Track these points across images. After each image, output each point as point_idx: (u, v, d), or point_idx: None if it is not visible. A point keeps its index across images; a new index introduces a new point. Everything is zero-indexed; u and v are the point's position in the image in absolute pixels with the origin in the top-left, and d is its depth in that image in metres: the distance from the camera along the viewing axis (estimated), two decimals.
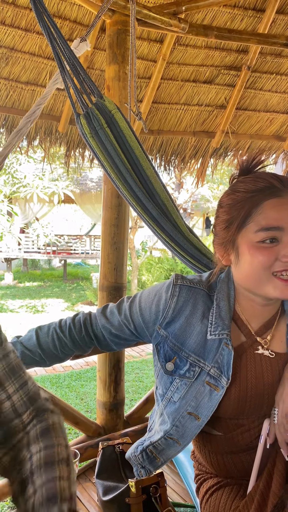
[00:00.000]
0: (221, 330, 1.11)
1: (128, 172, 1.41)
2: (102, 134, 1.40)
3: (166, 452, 1.20)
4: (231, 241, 1.08)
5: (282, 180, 1.04)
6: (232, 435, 1.22)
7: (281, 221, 1.00)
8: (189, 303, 1.13)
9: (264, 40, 2.25)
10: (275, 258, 1.01)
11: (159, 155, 3.24)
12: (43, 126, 2.83)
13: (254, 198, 1.03)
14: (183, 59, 2.78)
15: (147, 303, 1.18)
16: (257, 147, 3.40)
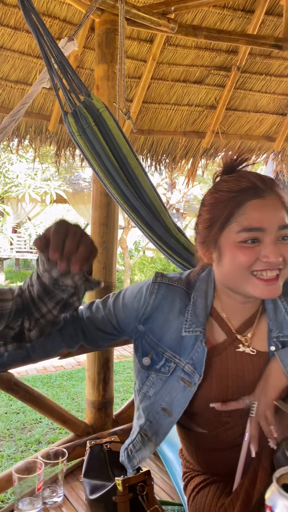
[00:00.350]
0: (195, 327, 1.12)
1: (116, 170, 1.42)
2: (90, 133, 1.40)
3: (142, 452, 1.21)
4: (213, 240, 1.09)
5: (265, 181, 1.06)
6: (216, 432, 1.23)
7: (263, 222, 1.02)
8: (167, 300, 1.15)
9: (253, 41, 2.27)
10: (256, 258, 1.02)
11: (150, 155, 3.24)
12: (33, 125, 2.82)
13: (237, 199, 1.04)
14: (173, 59, 2.79)
15: (130, 299, 1.20)
16: (247, 147, 3.42)
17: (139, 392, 1.21)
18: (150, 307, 1.16)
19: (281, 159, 3.60)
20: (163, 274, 1.20)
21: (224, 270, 1.08)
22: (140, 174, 1.46)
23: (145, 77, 2.75)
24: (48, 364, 5.38)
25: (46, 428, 3.76)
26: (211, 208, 1.10)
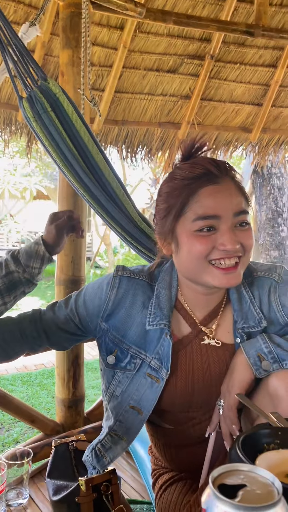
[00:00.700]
0: (159, 320, 1.08)
1: (74, 158, 1.35)
2: (46, 118, 1.33)
3: (113, 450, 1.16)
4: (170, 230, 1.05)
5: (219, 166, 1.01)
6: (183, 428, 1.20)
7: (218, 210, 0.98)
8: (129, 294, 1.10)
9: (224, 27, 2.22)
10: (213, 247, 0.98)
11: (125, 147, 3.17)
12: (2, 115, 2.72)
13: (191, 186, 1.00)
14: (145, 47, 2.73)
15: (91, 296, 1.15)
16: (224, 139, 3.38)
17: (106, 392, 1.17)
18: (111, 303, 1.11)
19: (258, 151, 3.57)
20: (124, 267, 1.15)
21: (182, 261, 1.04)
22: (102, 162, 1.40)
23: (117, 66, 2.68)
24: (28, 362, 5.30)
25: (24, 427, 3.68)
26: (166, 198, 1.06)
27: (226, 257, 0.99)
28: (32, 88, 1.37)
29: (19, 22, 2.36)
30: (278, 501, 0.50)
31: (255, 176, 4.49)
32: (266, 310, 1.12)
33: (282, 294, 1.12)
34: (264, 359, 1.03)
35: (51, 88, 1.36)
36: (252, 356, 1.04)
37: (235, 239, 0.98)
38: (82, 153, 1.39)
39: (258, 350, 1.04)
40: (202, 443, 1.17)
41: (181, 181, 1.02)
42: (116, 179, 1.44)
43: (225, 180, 1.01)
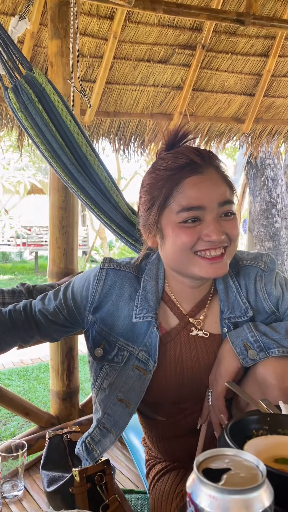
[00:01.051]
0: (146, 312, 1.08)
1: (61, 149, 1.34)
2: (32, 109, 1.32)
3: (102, 443, 1.17)
4: (154, 222, 1.04)
5: (203, 155, 1.00)
6: (175, 419, 1.20)
7: (202, 200, 0.97)
8: (116, 286, 1.10)
9: (215, 16, 2.20)
10: (198, 238, 0.98)
11: (117, 139, 3.15)
12: None
13: (174, 177, 0.99)
14: (136, 37, 2.70)
15: (78, 289, 1.15)
16: (216, 129, 3.36)
17: (94, 385, 1.17)
18: (98, 295, 1.11)
19: (251, 142, 3.56)
20: (111, 259, 1.15)
21: (168, 253, 1.03)
22: (89, 153, 1.39)
23: (107, 56, 2.65)
24: (25, 356, 5.30)
25: (21, 421, 3.69)
26: (149, 189, 1.05)
27: (211, 247, 0.98)
28: (17, 79, 1.35)
29: (7, 12, 2.32)
30: (262, 483, 0.50)
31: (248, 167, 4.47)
32: (253, 299, 1.12)
33: (268, 282, 1.12)
34: (250, 348, 1.03)
35: (37, 78, 1.35)
36: (238, 345, 1.04)
37: (220, 229, 0.97)
38: (69, 144, 1.38)
39: (244, 340, 1.04)
40: (195, 434, 1.17)
41: (164, 171, 1.01)
42: (104, 170, 1.43)
43: (209, 170, 1.00)
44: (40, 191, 11.87)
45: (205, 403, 1.11)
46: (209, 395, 1.09)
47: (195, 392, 1.14)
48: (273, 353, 1.01)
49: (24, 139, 2.94)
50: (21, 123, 1.35)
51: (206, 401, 1.10)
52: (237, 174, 4.74)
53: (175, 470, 1.31)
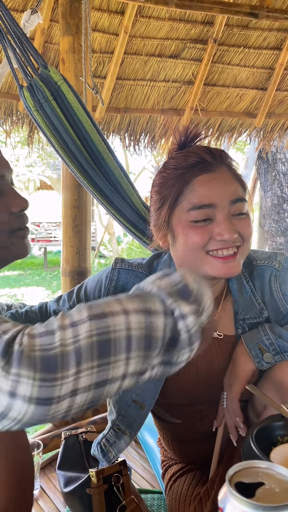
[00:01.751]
0: None
1: (77, 147, 1.32)
2: (47, 107, 1.30)
3: (117, 445, 1.16)
4: (165, 222, 1.02)
5: (214, 153, 0.99)
6: (191, 422, 1.19)
7: (213, 198, 0.95)
8: (128, 287, 1.09)
9: (227, 9, 2.16)
10: (209, 237, 0.96)
11: (128, 135, 3.13)
12: (3, 106, 2.69)
13: (185, 175, 0.98)
14: (147, 32, 2.66)
15: (91, 289, 1.14)
16: (228, 124, 3.32)
17: None
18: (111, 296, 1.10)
19: (263, 136, 3.51)
20: (123, 260, 1.14)
21: (179, 253, 1.02)
22: (105, 151, 1.37)
23: (118, 52, 2.62)
24: None
25: None
26: (159, 188, 1.03)
27: (224, 247, 0.96)
28: (32, 77, 1.34)
29: (18, 9, 2.30)
30: None
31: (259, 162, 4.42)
32: (268, 300, 1.10)
33: (283, 282, 1.09)
34: (265, 351, 1.01)
35: (52, 76, 1.33)
36: (253, 348, 1.02)
37: (233, 228, 0.95)
38: (84, 143, 1.36)
39: (259, 342, 1.02)
40: (211, 436, 1.16)
41: (174, 170, 1.00)
42: (120, 168, 1.42)
43: (220, 168, 0.98)
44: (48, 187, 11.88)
45: (220, 405, 1.10)
46: (224, 398, 1.08)
47: (210, 394, 1.12)
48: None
49: (34, 136, 2.94)
50: (36, 122, 1.33)
51: (221, 404, 1.09)
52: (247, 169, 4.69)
53: (191, 472, 1.30)
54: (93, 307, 0.61)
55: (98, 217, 11.82)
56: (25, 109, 1.35)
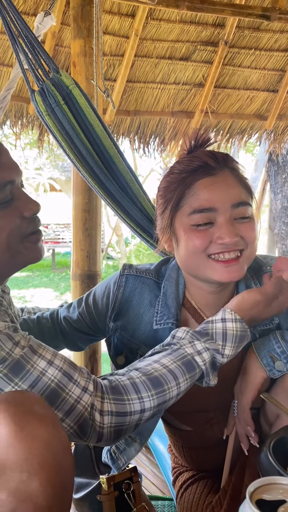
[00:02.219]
0: (166, 319, 1.06)
1: (88, 152, 1.32)
2: (59, 112, 1.30)
3: (127, 452, 1.15)
4: (168, 225, 1.03)
5: (217, 157, 0.99)
6: (202, 429, 1.18)
7: (214, 202, 0.95)
8: (136, 293, 1.09)
9: (239, 12, 2.14)
10: (210, 241, 0.95)
11: (137, 137, 3.12)
12: (13, 109, 2.70)
13: (187, 179, 0.98)
14: (157, 34, 2.65)
15: (100, 296, 1.15)
16: (238, 126, 3.30)
17: None
18: (119, 302, 1.10)
19: (274, 139, 3.49)
20: (131, 266, 1.14)
21: (181, 256, 1.02)
22: (116, 156, 1.37)
23: (128, 55, 2.62)
24: None
25: None
26: (163, 192, 1.04)
27: (225, 250, 0.95)
28: (44, 81, 1.33)
29: (29, 12, 2.31)
30: None
31: (270, 164, 4.39)
32: None
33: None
34: (277, 359, 0.99)
35: (64, 80, 1.32)
36: (265, 357, 1.01)
37: (234, 231, 0.94)
38: (96, 147, 1.35)
39: (270, 351, 1.01)
40: (222, 443, 1.15)
41: (178, 174, 1.00)
42: (130, 172, 1.41)
43: (222, 172, 0.98)
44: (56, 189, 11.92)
45: (230, 413, 1.09)
46: (234, 406, 1.06)
47: (221, 401, 1.11)
48: None
49: (44, 138, 2.95)
50: (48, 126, 1.33)
51: (232, 412, 1.07)
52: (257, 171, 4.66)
53: (203, 480, 1.29)
54: (153, 382, 0.82)
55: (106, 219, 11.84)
56: (37, 113, 1.35)
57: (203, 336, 0.90)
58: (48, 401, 0.71)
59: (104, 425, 0.77)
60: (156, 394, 0.82)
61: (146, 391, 0.81)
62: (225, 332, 0.91)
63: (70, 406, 0.74)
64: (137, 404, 0.80)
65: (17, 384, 0.71)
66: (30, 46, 1.33)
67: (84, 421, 0.75)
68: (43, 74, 1.33)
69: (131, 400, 0.80)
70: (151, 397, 0.81)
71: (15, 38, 1.34)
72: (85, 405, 0.75)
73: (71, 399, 0.75)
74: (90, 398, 0.76)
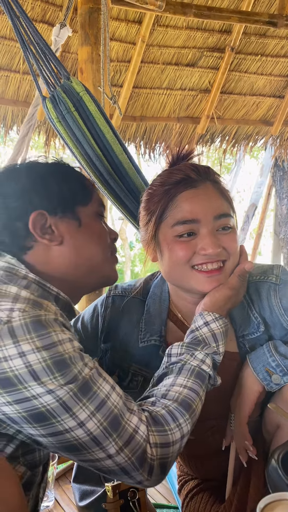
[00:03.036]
0: (149, 336, 1.07)
1: (98, 158, 1.32)
2: (70, 119, 1.30)
3: None
4: (152, 237, 1.03)
5: (199, 170, 1.00)
6: (203, 437, 1.17)
7: (196, 214, 0.96)
8: (124, 313, 1.10)
9: (246, 18, 2.15)
10: (193, 252, 0.96)
11: (143, 143, 3.14)
12: (20, 114, 2.71)
13: (170, 191, 0.99)
14: (164, 41, 2.67)
15: (88, 319, 1.16)
16: (244, 132, 3.31)
17: None
18: (107, 323, 1.11)
19: (280, 144, 3.49)
20: (116, 286, 1.15)
21: (165, 267, 1.02)
22: (126, 162, 1.36)
23: (135, 61, 2.63)
24: None
25: None
26: (146, 204, 1.05)
27: (208, 261, 0.96)
28: (55, 88, 1.33)
29: (36, 19, 2.33)
30: None
31: (275, 169, 4.39)
32: (268, 315, 1.07)
33: (283, 296, 1.05)
34: (273, 373, 0.99)
35: (74, 87, 1.33)
36: (261, 371, 1.00)
37: (217, 242, 0.95)
38: (106, 154, 1.35)
39: (265, 365, 1.00)
40: (225, 452, 1.14)
41: (159, 187, 1.01)
42: (141, 178, 1.40)
43: (204, 185, 0.99)
44: None
45: (228, 426, 1.08)
46: (231, 419, 1.05)
47: (221, 408, 1.10)
48: None
49: (50, 143, 2.96)
50: (59, 133, 1.33)
51: (229, 425, 1.07)
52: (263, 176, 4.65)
53: (208, 490, 1.28)
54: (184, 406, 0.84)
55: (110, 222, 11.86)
56: (48, 120, 1.35)
57: (198, 344, 0.92)
58: (110, 427, 0.72)
59: (154, 457, 0.75)
60: (190, 417, 0.83)
61: (181, 416, 0.81)
62: (214, 333, 0.94)
63: (129, 436, 0.74)
64: (177, 432, 0.80)
65: (85, 405, 0.71)
66: (41, 53, 1.34)
67: (142, 452, 0.74)
68: (54, 80, 1.33)
69: (171, 429, 0.79)
70: (187, 421, 0.82)
71: (26, 45, 1.34)
72: (142, 435, 0.75)
73: (129, 428, 0.74)
74: (146, 429, 0.75)
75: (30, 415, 0.69)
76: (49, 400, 0.69)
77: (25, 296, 0.76)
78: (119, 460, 0.72)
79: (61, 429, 0.69)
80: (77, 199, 0.93)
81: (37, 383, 0.68)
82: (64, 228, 0.90)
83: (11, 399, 0.68)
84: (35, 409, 0.69)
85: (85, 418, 0.70)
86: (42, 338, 0.70)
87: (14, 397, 0.68)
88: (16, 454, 0.77)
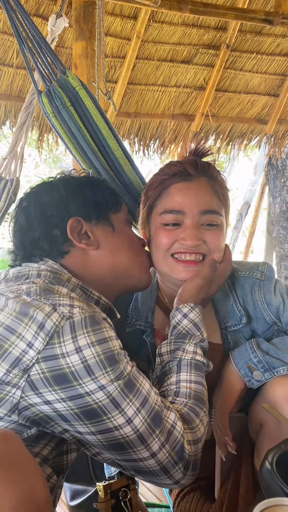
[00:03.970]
0: (135, 321, 1.12)
1: (94, 154, 1.30)
2: (65, 114, 1.28)
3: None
4: (144, 221, 1.10)
5: (198, 166, 1.05)
6: None
7: (183, 205, 1.01)
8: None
9: (242, 15, 2.14)
10: (175, 240, 1.01)
11: (138, 140, 3.11)
12: (13, 109, 2.68)
13: (166, 181, 1.05)
14: (159, 37, 2.65)
15: None
16: (238, 130, 3.30)
17: None
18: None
19: (274, 143, 3.49)
20: None
21: (152, 253, 1.08)
22: (121, 157, 1.35)
23: (130, 57, 2.61)
24: None
25: None
26: (146, 190, 1.11)
27: (186, 251, 1.01)
28: (51, 82, 1.31)
29: (30, 12, 2.29)
30: None
31: (269, 167, 4.39)
32: (252, 309, 1.11)
33: (266, 292, 1.10)
34: (254, 369, 1.01)
35: (70, 81, 1.30)
36: (242, 367, 1.03)
37: (198, 235, 1.00)
38: (101, 149, 1.34)
39: (247, 361, 1.02)
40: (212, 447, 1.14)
41: (160, 176, 1.08)
42: (136, 174, 1.39)
43: (198, 179, 1.04)
44: None
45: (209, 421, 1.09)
46: (212, 414, 1.06)
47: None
48: (278, 372, 0.98)
49: (43, 139, 2.92)
50: (54, 128, 1.31)
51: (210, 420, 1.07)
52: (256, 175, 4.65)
53: (199, 489, 1.28)
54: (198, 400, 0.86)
55: None
56: (44, 115, 1.33)
57: (184, 337, 0.95)
58: (153, 423, 0.74)
59: (191, 454, 0.78)
60: (205, 410, 0.86)
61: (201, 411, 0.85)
62: (194, 322, 0.97)
63: (168, 431, 0.76)
64: (202, 427, 0.83)
65: (131, 401, 0.74)
66: (38, 46, 1.32)
67: (181, 447, 0.77)
68: (50, 75, 1.31)
69: (198, 425, 0.82)
70: (205, 414, 0.85)
71: (22, 39, 1.32)
72: (179, 430, 0.77)
73: (168, 424, 0.77)
74: (182, 425, 0.78)
75: (82, 412, 0.71)
76: (101, 396, 0.71)
77: (75, 297, 0.80)
78: (160, 457, 0.74)
79: (111, 426, 0.72)
80: (109, 206, 1.00)
81: (91, 378, 0.71)
82: (100, 233, 0.97)
83: (65, 395, 0.70)
84: (87, 405, 0.71)
85: (132, 414, 0.73)
86: (96, 332, 0.74)
87: (69, 393, 0.70)
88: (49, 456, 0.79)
